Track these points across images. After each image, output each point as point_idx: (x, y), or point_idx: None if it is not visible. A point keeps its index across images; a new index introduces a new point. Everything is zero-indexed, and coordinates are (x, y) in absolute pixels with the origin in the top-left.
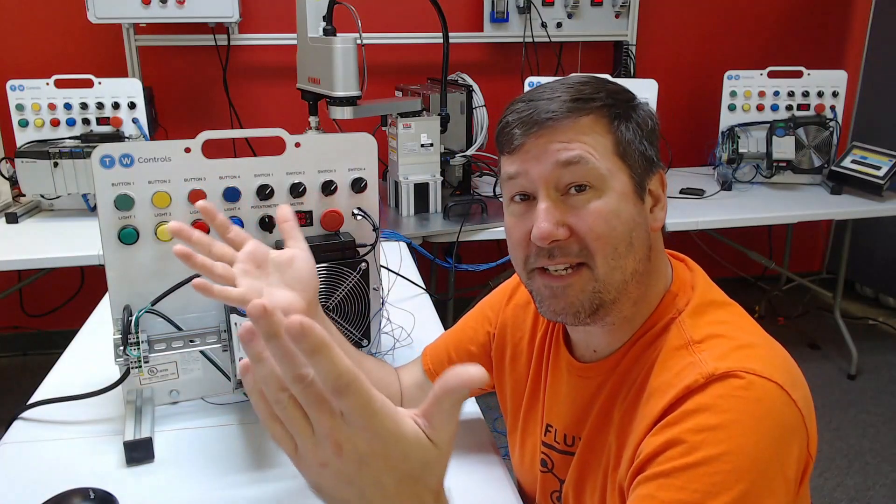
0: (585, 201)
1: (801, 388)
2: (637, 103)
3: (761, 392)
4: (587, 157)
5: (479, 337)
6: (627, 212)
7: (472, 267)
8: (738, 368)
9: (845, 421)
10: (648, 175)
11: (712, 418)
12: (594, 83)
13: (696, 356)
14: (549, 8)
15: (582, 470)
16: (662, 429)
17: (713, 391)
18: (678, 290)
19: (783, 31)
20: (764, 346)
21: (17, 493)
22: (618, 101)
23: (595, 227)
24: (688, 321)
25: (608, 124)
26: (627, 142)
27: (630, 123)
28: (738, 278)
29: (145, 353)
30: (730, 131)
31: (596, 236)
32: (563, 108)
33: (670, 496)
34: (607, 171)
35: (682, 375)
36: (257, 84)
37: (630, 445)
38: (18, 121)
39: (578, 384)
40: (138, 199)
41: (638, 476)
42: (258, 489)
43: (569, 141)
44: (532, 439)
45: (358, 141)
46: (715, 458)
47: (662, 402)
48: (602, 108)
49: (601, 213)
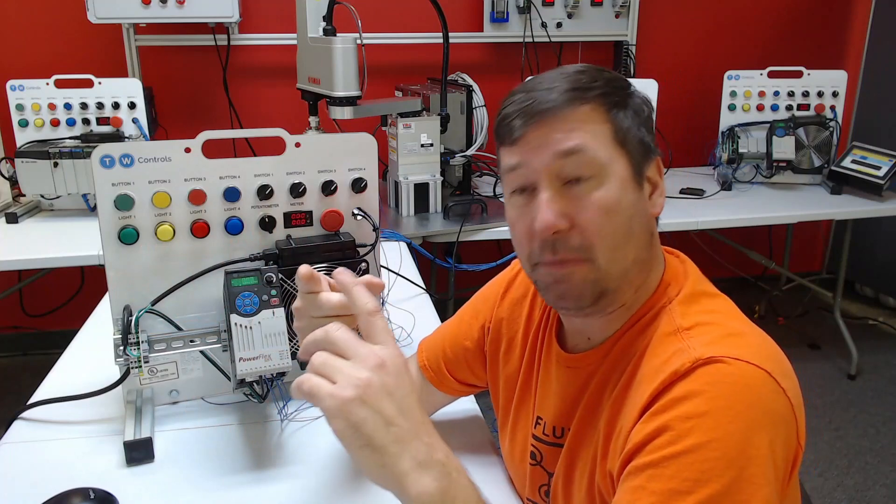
0: (587, 191)
1: (789, 378)
2: (632, 90)
3: (750, 379)
4: (587, 146)
5: (474, 332)
6: (628, 200)
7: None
8: (726, 355)
9: (845, 421)
10: (646, 161)
11: (700, 405)
12: (591, 72)
13: (684, 342)
14: (549, 8)
15: (571, 461)
16: (651, 416)
17: (700, 377)
18: (671, 280)
19: (783, 31)
20: (753, 335)
21: (17, 493)
22: (615, 89)
23: (597, 219)
24: (678, 309)
25: (606, 112)
26: (626, 129)
27: (627, 111)
28: (738, 278)
29: (145, 353)
30: (730, 131)
31: (597, 228)
32: (561, 98)
33: (661, 486)
34: (607, 160)
35: (671, 362)
36: (257, 84)
37: (620, 433)
38: (18, 121)
39: (568, 375)
40: (138, 199)
41: (628, 465)
42: (258, 489)
43: (568, 131)
44: (522, 433)
45: (358, 141)
46: (703, 445)
47: (650, 388)
48: (600, 97)
49: (603, 204)
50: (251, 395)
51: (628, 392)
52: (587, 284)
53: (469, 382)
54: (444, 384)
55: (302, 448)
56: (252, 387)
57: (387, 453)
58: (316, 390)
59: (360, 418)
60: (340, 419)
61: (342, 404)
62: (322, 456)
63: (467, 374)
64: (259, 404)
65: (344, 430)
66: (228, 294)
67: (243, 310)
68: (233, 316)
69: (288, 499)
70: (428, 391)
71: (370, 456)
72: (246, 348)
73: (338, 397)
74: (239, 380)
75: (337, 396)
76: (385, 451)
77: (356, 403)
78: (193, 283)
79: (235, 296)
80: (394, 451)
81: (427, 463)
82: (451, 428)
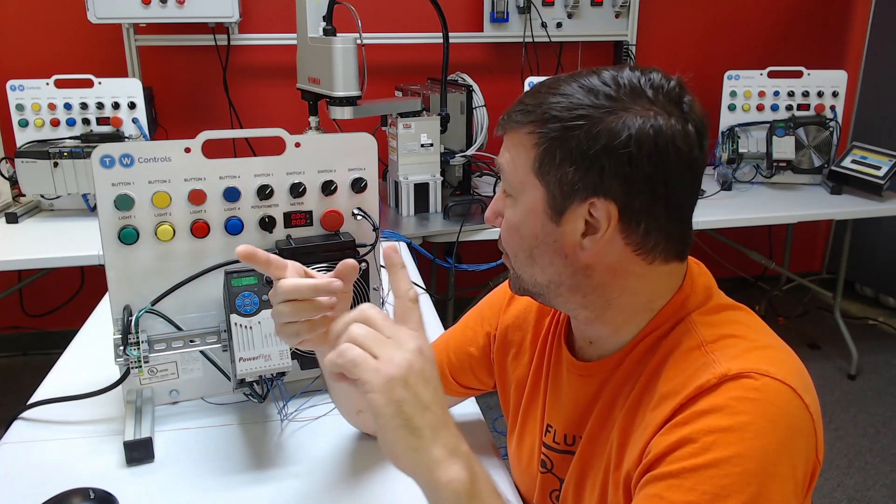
0: (507, 206)
1: (811, 393)
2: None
3: (775, 395)
4: (506, 167)
5: (479, 339)
6: (529, 229)
7: (472, 267)
8: (752, 370)
9: (845, 421)
10: (569, 200)
11: (724, 419)
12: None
13: (709, 356)
14: (549, 8)
15: (583, 469)
16: (673, 428)
17: (726, 392)
18: (689, 292)
19: (783, 31)
20: (778, 348)
21: (17, 493)
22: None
23: (503, 231)
24: (700, 322)
25: (535, 141)
26: (548, 163)
27: (564, 145)
28: (738, 278)
29: (145, 353)
30: (730, 131)
31: (503, 239)
32: (514, 115)
33: (679, 497)
34: (520, 185)
35: (696, 376)
36: (257, 84)
37: (636, 444)
38: (18, 121)
39: (579, 383)
40: (138, 199)
41: (647, 474)
42: (258, 489)
43: (504, 147)
44: (530, 439)
45: (358, 141)
46: (725, 460)
47: (674, 401)
48: (535, 124)
49: (507, 222)
50: (251, 395)
51: (644, 403)
52: (512, 274)
53: (471, 387)
54: (448, 388)
55: (302, 448)
56: (252, 387)
57: (422, 437)
58: (361, 360)
59: (402, 397)
60: (383, 395)
61: (388, 380)
62: (322, 456)
63: (471, 379)
64: (259, 404)
65: (385, 406)
66: (228, 294)
67: (243, 310)
68: (233, 316)
69: (288, 499)
70: None
71: (405, 438)
72: (246, 348)
73: (383, 373)
74: (239, 380)
75: (382, 372)
76: (421, 434)
77: (399, 382)
78: (193, 283)
79: (235, 296)
80: (428, 437)
81: (456, 452)
82: None
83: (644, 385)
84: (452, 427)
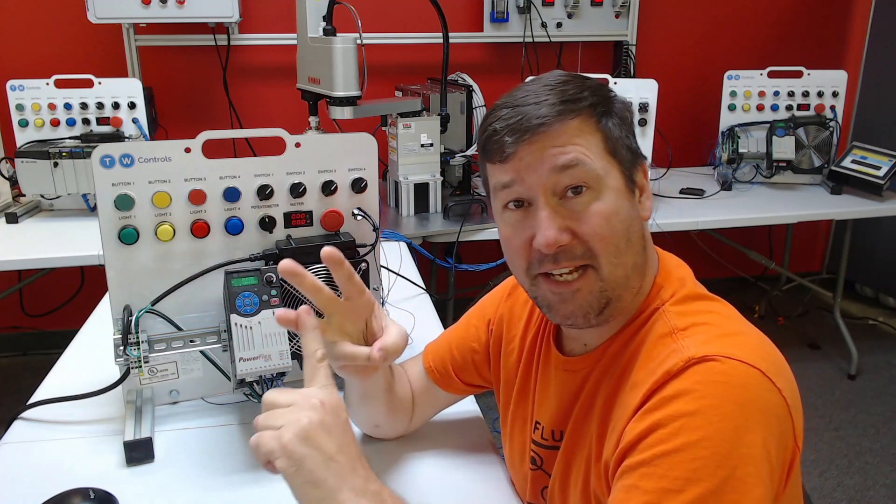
0: (585, 203)
1: (786, 379)
2: (614, 96)
3: (743, 378)
4: (583, 160)
5: (481, 334)
6: (624, 208)
7: (472, 267)
8: (718, 353)
9: (845, 421)
10: (635, 167)
11: (690, 404)
12: (575, 81)
13: (678, 343)
14: (549, 8)
15: (567, 462)
16: (644, 414)
17: (692, 376)
18: (664, 282)
19: (783, 31)
20: (749, 335)
21: (17, 493)
22: (602, 98)
23: (598, 228)
24: (673, 310)
25: (596, 123)
26: (616, 138)
27: (614, 118)
28: (738, 278)
29: (145, 353)
30: (730, 131)
31: (599, 238)
32: (552, 112)
33: (652, 485)
34: (602, 171)
35: (664, 362)
36: (257, 84)
37: (614, 432)
38: (18, 121)
39: (565, 379)
40: (138, 199)
41: (622, 463)
42: (258, 489)
43: (563, 145)
44: (520, 437)
45: (358, 141)
46: (693, 443)
47: (644, 388)
48: (589, 108)
49: (602, 214)
50: (251, 395)
51: (620, 393)
52: (593, 297)
53: (475, 384)
54: (451, 385)
55: None
56: (252, 387)
57: (326, 487)
58: (264, 440)
59: (302, 454)
60: (284, 458)
61: (285, 443)
62: None
63: (474, 376)
64: (259, 404)
65: (287, 467)
66: (228, 294)
67: (243, 310)
68: (233, 316)
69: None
70: (432, 392)
71: (311, 492)
72: (246, 348)
73: (282, 438)
74: (239, 380)
75: (281, 437)
76: (324, 485)
77: (297, 441)
78: (193, 283)
79: (235, 296)
80: (332, 485)
81: (365, 492)
82: (452, 428)
83: (619, 375)
84: (360, 469)
